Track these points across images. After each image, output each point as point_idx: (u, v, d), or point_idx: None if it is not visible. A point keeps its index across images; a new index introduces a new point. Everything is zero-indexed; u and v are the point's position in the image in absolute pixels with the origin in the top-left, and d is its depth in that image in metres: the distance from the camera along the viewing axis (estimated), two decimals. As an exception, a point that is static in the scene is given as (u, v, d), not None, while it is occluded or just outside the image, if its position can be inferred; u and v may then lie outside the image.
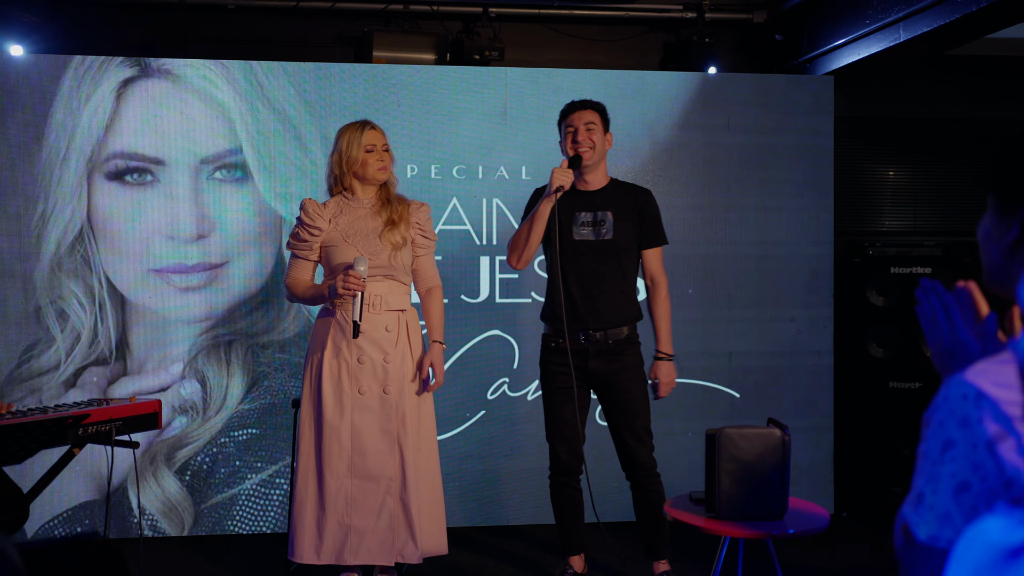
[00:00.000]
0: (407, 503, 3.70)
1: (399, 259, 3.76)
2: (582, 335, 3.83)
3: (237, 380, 4.87)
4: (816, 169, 5.28)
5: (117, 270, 4.79)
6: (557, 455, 3.93)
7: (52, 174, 4.76)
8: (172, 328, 4.85)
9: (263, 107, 4.91)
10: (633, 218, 3.89)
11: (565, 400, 3.85)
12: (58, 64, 4.82)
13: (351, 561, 3.71)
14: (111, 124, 4.81)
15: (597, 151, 3.88)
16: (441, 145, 5.03)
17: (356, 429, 3.69)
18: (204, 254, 4.86)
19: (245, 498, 4.87)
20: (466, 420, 5.01)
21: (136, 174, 4.82)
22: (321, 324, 3.79)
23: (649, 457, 3.88)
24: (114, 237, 4.80)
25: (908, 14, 4.58)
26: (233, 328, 4.87)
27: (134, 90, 4.85)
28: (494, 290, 5.06)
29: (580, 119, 3.88)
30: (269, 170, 4.90)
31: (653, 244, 3.92)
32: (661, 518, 3.87)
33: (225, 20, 5.59)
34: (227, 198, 4.88)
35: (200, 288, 4.86)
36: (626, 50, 5.94)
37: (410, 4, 5.62)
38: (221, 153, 4.87)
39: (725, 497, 2.75)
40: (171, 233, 4.84)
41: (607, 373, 3.85)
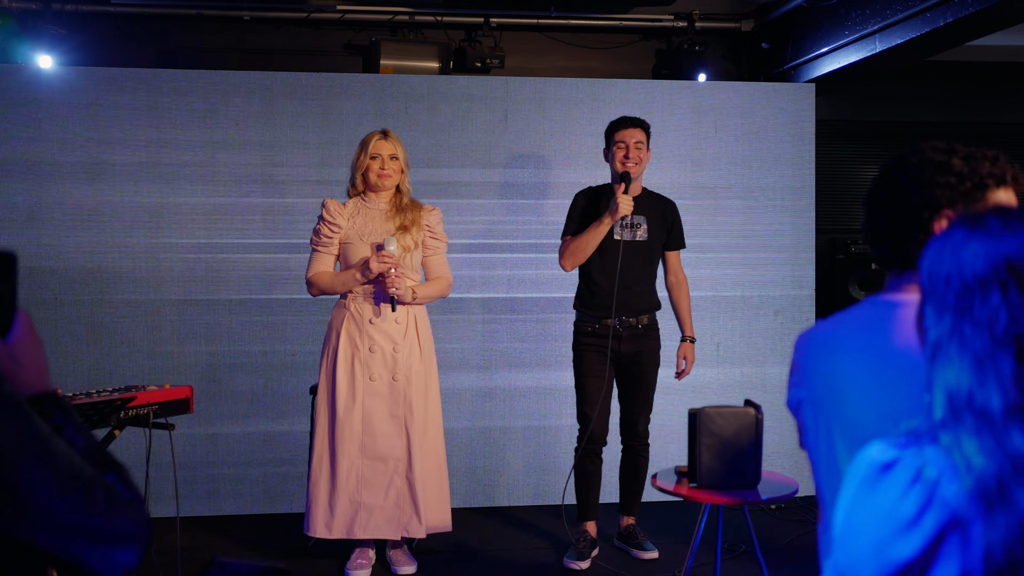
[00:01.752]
0: (412, 482, 4.03)
1: (408, 260, 4.08)
2: (618, 321, 4.33)
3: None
4: (799, 172, 5.60)
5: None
6: (591, 424, 4.35)
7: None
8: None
9: (278, 117, 5.23)
10: (662, 224, 4.43)
11: (598, 375, 4.36)
12: (88, 75, 5.13)
13: (360, 535, 4.03)
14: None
15: (642, 167, 4.36)
16: (446, 149, 5.35)
17: (367, 413, 4.01)
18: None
19: (265, 478, 5.18)
20: (469, 407, 5.32)
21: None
22: (336, 315, 4.12)
23: (646, 428, 4.47)
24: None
25: (883, 27, 4.89)
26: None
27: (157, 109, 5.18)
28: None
29: (631, 137, 4.34)
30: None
31: (675, 247, 4.51)
32: (642, 482, 4.48)
33: (240, 31, 5.89)
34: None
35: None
36: (621, 57, 6.25)
37: (415, 15, 5.93)
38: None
39: (705, 469, 3.07)
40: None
41: (635, 352, 4.39)
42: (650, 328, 4.45)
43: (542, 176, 5.40)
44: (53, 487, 1.18)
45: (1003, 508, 1.09)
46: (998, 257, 1.19)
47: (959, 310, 1.21)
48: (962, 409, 1.16)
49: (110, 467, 1.32)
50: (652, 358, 4.46)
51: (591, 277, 4.39)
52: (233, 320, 5.18)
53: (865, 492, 1.17)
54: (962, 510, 1.10)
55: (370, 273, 3.96)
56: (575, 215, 4.46)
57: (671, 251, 4.52)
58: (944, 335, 1.22)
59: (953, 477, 1.11)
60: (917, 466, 1.13)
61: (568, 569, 4.29)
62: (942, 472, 1.11)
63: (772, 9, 5.94)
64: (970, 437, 1.13)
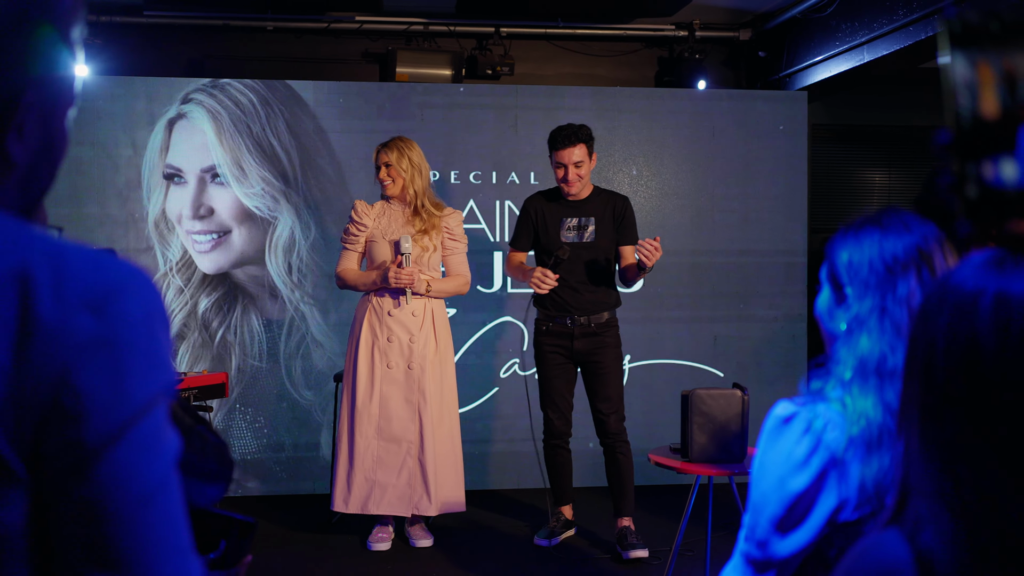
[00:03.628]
0: (424, 464, 4.37)
1: (427, 260, 4.42)
2: (568, 319, 4.47)
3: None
4: (792, 175, 5.92)
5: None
6: (551, 421, 4.58)
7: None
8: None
9: (300, 122, 5.58)
10: (611, 222, 4.50)
11: (556, 375, 4.52)
12: (125, 84, 5.49)
13: (373, 511, 4.38)
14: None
15: (583, 182, 4.46)
16: (460, 154, 5.69)
17: (384, 398, 4.36)
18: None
19: (286, 461, 5.53)
20: (482, 396, 5.66)
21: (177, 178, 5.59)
22: (360, 307, 4.47)
23: (619, 424, 4.48)
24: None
25: (871, 38, 5.21)
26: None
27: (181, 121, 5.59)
28: (506, 281, 5.71)
29: (569, 157, 4.40)
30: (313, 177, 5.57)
31: (628, 243, 4.51)
32: (626, 479, 4.47)
33: (265, 40, 6.23)
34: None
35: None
36: (624, 65, 6.57)
37: (429, 24, 6.26)
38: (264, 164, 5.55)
39: (696, 445, 3.39)
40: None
41: (589, 350, 4.48)
42: (606, 326, 4.49)
43: (550, 180, 5.72)
44: None
45: (879, 452, 1.45)
46: (911, 245, 1.54)
47: (881, 289, 1.54)
48: (871, 372, 1.50)
49: (199, 420, 1.65)
50: (610, 356, 4.49)
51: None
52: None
53: (771, 440, 1.54)
54: (840, 452, 1.46)
55: (387, 283, 4.31)
56: (521, 226, 4.60)
57: (624, 246, 4.51)
58: (865, 311, 1.55)
59: (835, 427, 1.48)
60: (808, 419, 1.50)
61: (536, 546, 4.61)
62: (827, 424, 1.49)
63: (768, 19, 6.25)
64: (870, 395, 1.48)
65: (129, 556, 0.85)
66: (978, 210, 0.70)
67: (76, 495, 0.83)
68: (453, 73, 6.07)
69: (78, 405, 0.83)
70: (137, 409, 0.86)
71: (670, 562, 3.74)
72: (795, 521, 1.51)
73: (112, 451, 0.84)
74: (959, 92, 0.70)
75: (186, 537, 0.91)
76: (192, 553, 0.92)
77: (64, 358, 0.82)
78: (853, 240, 1.59)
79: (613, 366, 4.52)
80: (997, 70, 0.71)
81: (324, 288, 5.57)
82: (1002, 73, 0.73)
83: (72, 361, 0.83)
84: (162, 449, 0.89)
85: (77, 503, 0.84)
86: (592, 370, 4.52)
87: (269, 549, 4.52)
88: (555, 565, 4.39)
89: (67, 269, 0.86)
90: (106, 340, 0.84)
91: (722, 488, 4.88)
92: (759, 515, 1.55)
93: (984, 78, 0.73)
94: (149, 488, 0.86)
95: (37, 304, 0.82)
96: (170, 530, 0.88)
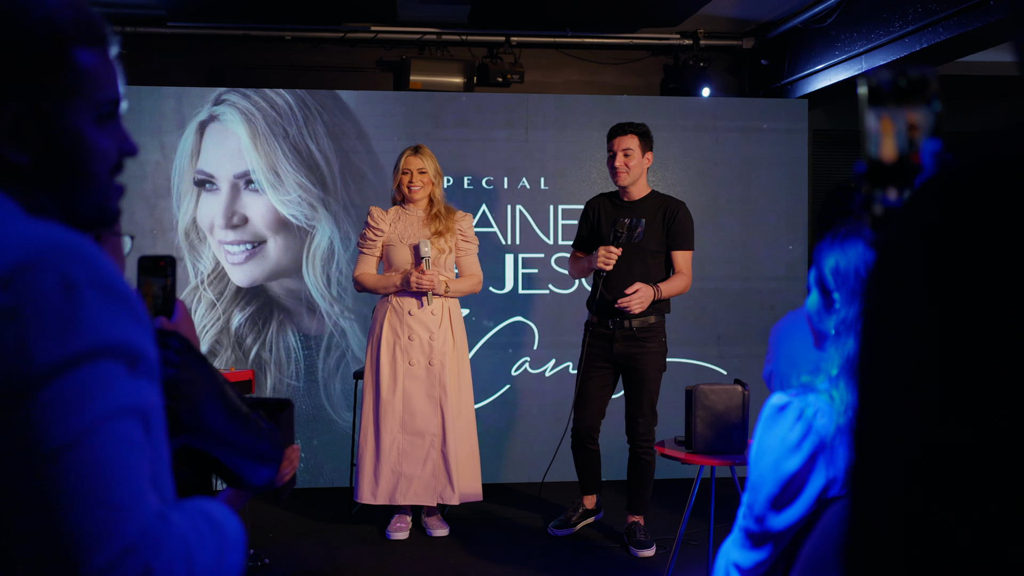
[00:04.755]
0: (447, 455, 4.58)
1: (443, 261, 4.64)
2: (611, 322, 4.54)
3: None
4: (793, 179, 6.13)
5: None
6: (576, 421, 4.73)
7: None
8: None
9: (322, 130, 5.78)
10: (662, 225, 4.54)
11: (590, 376, 4.65)
12: (150, 94, 5.70)
13: (401, 501, 4.59)
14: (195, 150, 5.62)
15: (632, 173, 4.51)
16: (473, 160, 5.90)
17: (406, 394, 4.57)
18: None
19: (307, 459, 5.74)
20: (495, 393, 5.88)
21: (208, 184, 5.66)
22: (380, 308, 4.68)
23: (649, 430, 4.58)
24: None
25: (868, 49, 5.41)
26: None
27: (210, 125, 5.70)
28: (517, 282, 5.93)
29: (619, 144, 4.50)
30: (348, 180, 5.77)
31: (680, 247, 4.56)
32: (646, 481, 4.62)
33: (283, 49, 6.45)
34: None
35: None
36: (631, 72, 6.78)
37: (442, 34, 6.47)
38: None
39: (699, 437, 3.60)
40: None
41: (630, 354, 4.53)
42: (649, 331, 4.51)
43: (560, 186, 5.94)
44: (224, 417, 1.70)
45: None
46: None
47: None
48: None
49: (255, 408, 1.86)
50: (650, 362, 4.50)
51: (592, 279, 4.67)
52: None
53: (767, 427, 1.75)
54: (829, 438, 1.66)
55: (408, 287, 4.53)
56: (583, 227, 4.73)
57: (676, 251, 4.55)
58: (851, 315, 1.76)
59: (824, 415, 1.68)
60: (800, 408, 1.70)
61: (549, 536, 4.81)
62: (817, 412, 1.69)
63: (771, 29, 6.46)
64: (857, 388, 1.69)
65: (47, 500, 0.92)
66: (879, 222, 0.93)
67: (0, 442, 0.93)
68: (465, 81, 6.28)
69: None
70: (45, 369, 0.93)
71: (673, 551, 3.94)
72: (789, 498, 1.71)
73: (22, 407, 0.92)
74: (869, 138, 0.92)
75: (126, 485, 0.96)
76: (137, 500, 0.97)
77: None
78: (839, 248, 1.78)
79: (652, 373, 4.54)
80: (898, 123, 0.93)
81: (365, 302, 5.52)
82: (903, 127, 0.95)
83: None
84: (88, 402, 0.94)
85: (1, 449, 0.93)
86: (630, 376, 4.59)
87: (294, 538, 4.75)
88: (567, 553, 4.60)
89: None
90: (11, 311, 0.93)
91: (723, 482, 5.09)
92: (757, 494, 1.74)
93: (886, 129, 0.95)
94: (66, 438, 0.93)
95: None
96: (96, 477, 0.94)
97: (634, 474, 4.66)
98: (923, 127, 0.95)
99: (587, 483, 4.87)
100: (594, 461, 4.82)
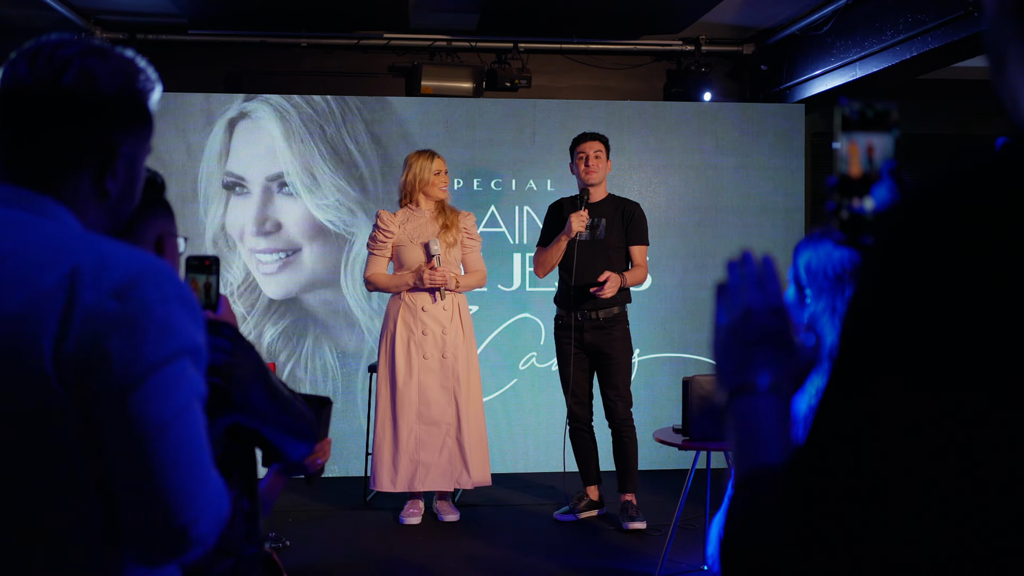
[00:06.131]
0: (462, 442, 4.84)
1: (451, 255, 4.88)
2: (579, 314, 4.91)
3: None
4: (790, 183, 6.35)
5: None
6: (570, 407, 5.06)
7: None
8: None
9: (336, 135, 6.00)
10: (621, 224, 4.96)
11: (572, 363, 4.96)
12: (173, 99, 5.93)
13: (419, 488, 4.85)
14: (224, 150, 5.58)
15: (600, 174, 4.95)
16: (482, 163, 6.14)
17: (422, 386, 4.82)
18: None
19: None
20: (503, 387, 6.12)
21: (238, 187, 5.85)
22: (393, 305, 4.92)
23: (626, 411, 4.96)
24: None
25: (862, 56, 5.63)
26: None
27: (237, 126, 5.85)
28: (525, 280, 6.17)
29: (591, 148, 4.94)
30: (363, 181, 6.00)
31: (636, 242, 4.98)
32: (631, 459, 4.96)
33: (298, 56, 6.68)
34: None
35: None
36: (635, 77, 7.00)
37: (452, 41, 6.70)
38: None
39: (695, 424, 3.84)
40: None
41: (599, 342, 4.92)
42: (612, 321, 4.90)
43: (566, 187, 6.17)
44: (269, 398, 1.92)
45: None
46: (856, 257, 1.97)
47: (833, 292, 1.98)
48: (824, 358, 1.94)
49: (295, 394, 2.09)
50: (618, 348, 4.91)
51: (559, 274, 5.02)
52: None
53: None
54: (800, 418, 1.89)
55: (422, 284, 4.77)
56: (546, 226, 5.09)
57: (633, 246, 4.96)
58: (820, 309, 1.99)
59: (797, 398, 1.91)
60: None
61: (555, 520, 5.07)
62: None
63: (770, 35, 6.68)
64: (823, 375, 1.92)
65: (152, 468, 1.19)
66: (846, 226, 1.17)
67: (114, 422, 1.18)
68: (474, 86, 6.50)
69: (107, 362, 1.17)
70: (150, 365, 1.18)
71: (670, 533, 4.17)
72: None
73: (133, 394, 1.18)
74: (839, 158, 1.16)
75: (202, 457, 1.23)
76: (209, 469, 1.24)
77: (96, 331, 1.17)
78: (812, 249, 2.01)
79: (621, 357, 4.94)
80: (862, 147, 1.17)
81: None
82: (865, 149, 1.19)
83: (102, 332, 1.17)
84: (176, 392, 1.20)
85: (115, 427, 1.18)
86: (602, 361, 4.96)
87: (312, 524, 5.00)
88: (570, 537, 4.85)
89: (106, 266, 1.20)
90: (125, 318, 1.18)
91: (719, 473, 5.32)
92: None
93: (853, 151, 1.19)
94: (163, 419, 1.19)
95: (80, 293, 1.18)
96: (184, 451, 1.21)
97: (620, 455, 4.98)
98: (882, 151, 1.19)
99: (587, 473, 5.13)
100: (591, 450, 5.10)
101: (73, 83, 1.26)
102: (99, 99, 1.28)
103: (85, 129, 1.28)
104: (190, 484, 1.21)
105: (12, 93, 1.28)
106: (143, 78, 1.35)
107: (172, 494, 1.20)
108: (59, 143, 1.28)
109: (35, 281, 1.19)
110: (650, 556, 4.52)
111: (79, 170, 1.29)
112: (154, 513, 1.20)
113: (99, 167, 1.30)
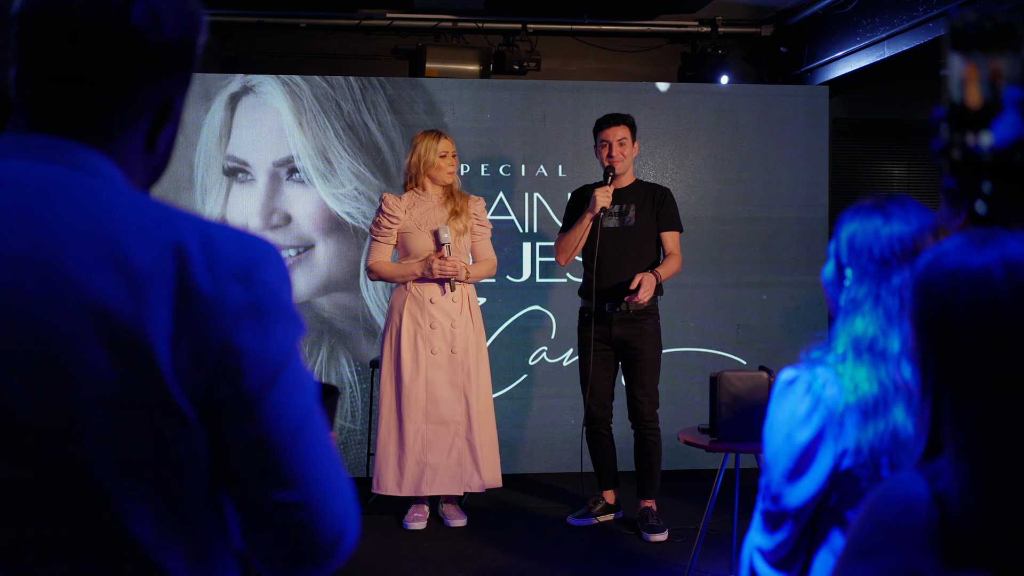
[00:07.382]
0: (472, 442, 4.55)
1: (461, 243, 4.59)
2: (608, 306, 4.60)
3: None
4: (813, 167, 6.07)
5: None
6: (588, 408, 4.75)
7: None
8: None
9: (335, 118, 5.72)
10: (651, 209, 4.66)
11: (593, 362, 4.67)
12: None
13: (427, 492, 4.57)
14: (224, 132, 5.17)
15: (626, 162, 4.65)
16: (490, 147, 5.86)
17: (429, 383, 4.53)
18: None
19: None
20: (512, 383, 5.84)
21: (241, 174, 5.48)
22: (398, 297, 4.63)
23: (652, 412, 4.63)
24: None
25: (891, 34, 5.34)
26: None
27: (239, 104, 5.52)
28: (535, 271, 5.88)
29: (614, 135, 4.60)
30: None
31: (668, 228, 4.67)
32: (654, 464, 4.63)
33: (297, 37, 6.41)
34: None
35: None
36: (649, 60, 6.72)
37: (458, 21, 6.43)
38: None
39: (724, 424, 3.56)
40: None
41: (627, 337, 4.61)
42: (645, 313, 4.59)
43: (576, 172, 5.89)
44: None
45: (875, 420, 1.65)
46: (907, 238, 1.70)
47: (877, 278, 1.72)
48: (864, 350, 1.70)
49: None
50: (648, 343, 4.60)
51: (584, 264, 4.72)
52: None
53: (777, 402, 1.76)
54: (838, 408, 1.66)
55: (431, 274, 4.47)
56: (568, 213, 4.78)
57: (665, 232, 4.66)
58: (861, 296, 1.73)
59: (831, 386, 1.69)
60: (809, 380, 1.72)
61: (568, 525, 4.78)
62: (825, 383, 1.68)
63: (790, 15, 6.39)
64: (863, 369, 1.68)
65: (298, 476, 1.03)
66: (959, 169, 0.88)
67: (247, 433, 1.01)
68: (481, 69, 6.23)
69: (240, 363, 1.00)
70: (283, 358, 1.03)
71: (697, 541, 3.89)
72: (802, 471, 1.71)
73: (269, 395, 1.01)
74: (951, 84, 0.88)
75: (335, 453, 1.08)
76: (342, 468, 1.09)
77: (225, 325, 1.00)
78: (859, 223, 1.75)
79: (651, 354, 4.63)
80: (983, 70, 0.88)
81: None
82: (986, 73, 0.90)
83: (231, 326, 1.00)
84: (305, 386, 1.05)
85: (249, 439, 1.01)
86: (630, 357, 4.65)
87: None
88: (586, 543, 4.57)
89: (215, 245, 1.02)
90: (255, 306, 1.01)
91: (747, 473, 5.04)
92: (772, 471, 1.75)
93: (971, 76, 0.90)
94: (300, 419, 1.03)
95: (194, 276, 0.99)
96: (323, 449, 1.06)
97: (642, 458, 4.68)
98: (1008, 74, 0.90)
99: (604, 477, 4.84)
100: (609, 452, 4.81)
101: (141, 21, 1.06)
102: (164, 43, 1.09)
103: (149, 76, 1.09)
104: (336, 489, 1.06)
105: (63, 18, 1.04)
106: (202, 23, 1.14)
107: (325, 504, 1.05)
108: (119, 90, 1.07)
109: (126, 266, 0.98)
110: (674, 565, 4.24)
111: (136, 122, 1.09)
112: (309, 528, 1.04)
113: (155, 121, 1.12)
